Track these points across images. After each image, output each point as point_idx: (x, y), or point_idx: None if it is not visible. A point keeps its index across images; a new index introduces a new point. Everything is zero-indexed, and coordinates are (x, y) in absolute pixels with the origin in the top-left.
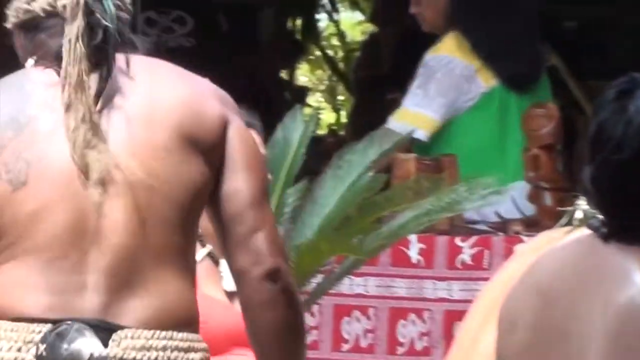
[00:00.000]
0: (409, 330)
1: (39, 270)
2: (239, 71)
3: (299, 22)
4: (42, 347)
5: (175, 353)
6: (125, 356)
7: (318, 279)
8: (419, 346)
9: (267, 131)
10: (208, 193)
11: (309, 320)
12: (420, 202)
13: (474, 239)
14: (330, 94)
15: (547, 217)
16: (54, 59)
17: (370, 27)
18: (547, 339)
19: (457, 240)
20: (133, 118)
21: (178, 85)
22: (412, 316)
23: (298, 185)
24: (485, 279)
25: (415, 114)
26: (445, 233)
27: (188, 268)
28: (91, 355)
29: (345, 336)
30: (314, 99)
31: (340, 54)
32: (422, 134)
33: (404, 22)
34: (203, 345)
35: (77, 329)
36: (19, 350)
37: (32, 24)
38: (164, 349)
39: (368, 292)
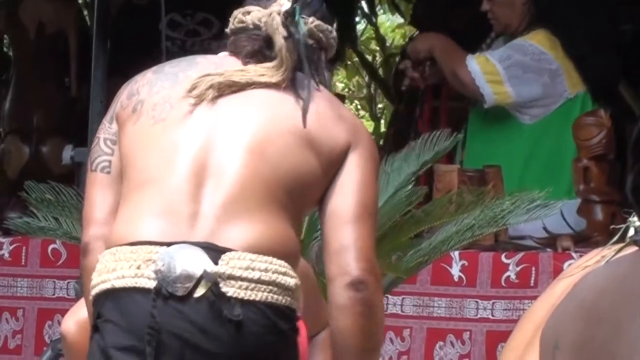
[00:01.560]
0: (446, 353)
1: (158, 200)
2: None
3: (335, 25)
4: (160, 264)
5: (275, 275)
6: (233, 273)
7: None
8: None
9: None
10: (315, 196)
11: None
12: (463, 216)
13: (520, 255)
14: (368, 102)
15: (598, 232)
16: (244, 56)
17: (411, 31)
18: None
19: (502, 257)
20: (277, 112)
21: (326, 104)
22: (451, 337)
23: None
24: (532, 298)
25: (496, 72)
26: (490, 249)
27: (290, 223)
28: (204, 270)
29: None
30: (352, 107)
31: (379, 59)
32: (490, 97)
33: (448, 25)
34: (296, 273)
35: (191, 249)
36: (139, 267)
37: (240, 30)
38: (266, 270)
39: (404, 311)
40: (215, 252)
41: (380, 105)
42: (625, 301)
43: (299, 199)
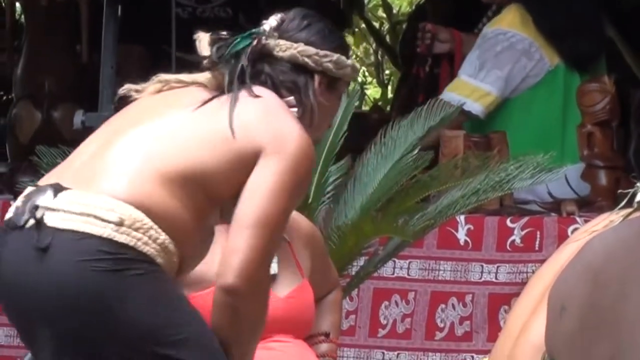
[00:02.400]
0: (447, 315)
1: (69, 161)
2: None
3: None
4: (19, 200)
5: (98, 209)
6: (59, 206)
7: (361, 261)
8: (459, 331)
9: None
10: (224, 191)
11: (347, 304)
12: (468, 181)
13: (524, 219)
14: (376, 69)
15: (601, 197)
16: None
17: None
18: (596, 324)
19: (507, 221)
20: (202, 109)
21: (257, 110)
22: (453, 300)
23: (341, 163)
24: (536, 262)
25: (472, 87)
26: (495, 213)
27: (184, 202)
28: (36, 204)
29: (383, 321)
30: (359, 74)
31: (386, 26)
32: (477, 108)
33: None
34: (164, 234)
35: (46, 188)
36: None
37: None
38: (91, 205)
39: (410, 275)
40: (60, 190)
41: (387, 72)
42: (632, 266)
43: (200, 188)
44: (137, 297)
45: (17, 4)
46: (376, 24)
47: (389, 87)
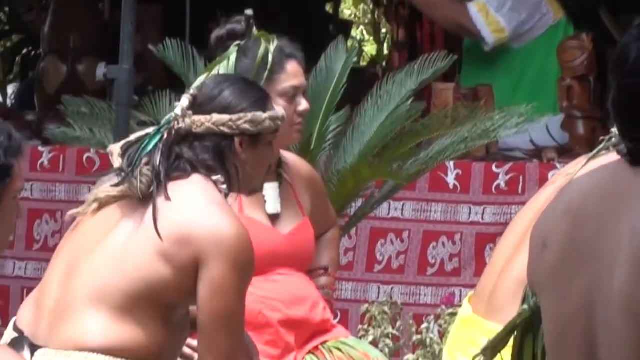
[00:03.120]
0: (438, 252)
1: (37, 292)
2: (286, 5)
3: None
4: None
5: None
6: None
7: (358, 203)
8: (449, 267)
9: (312, 62)
10: (172, 299)
11: (345, 242)
12: (457, 130)
13: (509, 165)
14: (373, 27)
15: (580, 145)
16: None
17: None
18: (575, 259)
19: (493, 167)
20: (139, 225)
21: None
22: (444, 238)
23: (340, 114)
24: (519, 204)
25: (493, 18)
26: (482, 160)
27: (136, 322)
28: None
29: (379, 258)
30: (358, 32)
31: None
32: (490, 40)
33: None
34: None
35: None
36: None
37: None
38: None
39: (404, 215)
40: (35, 349)
41: (383, 30)
42: (609, 204)
43: (154, 303)
44: None
45: None
46: None
47: (385, 45)
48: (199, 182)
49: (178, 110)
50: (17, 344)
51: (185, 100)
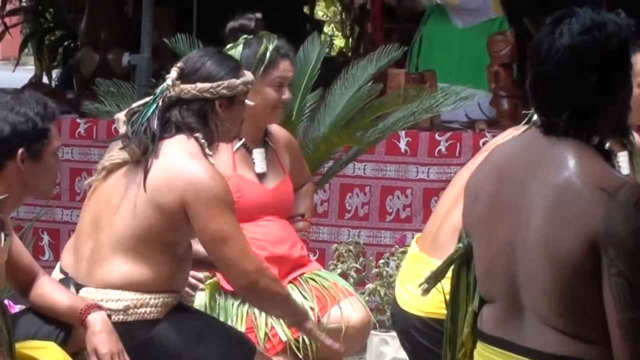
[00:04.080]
0: (395, 203)
1: (74, 239)
2: (271, 7)
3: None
4: None
5: (109, 303)
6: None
7: (330, 164)
8: (402, 215)
9: (294, 52)
10: (171, 237)
11: (321, 195)
12: (407, 106)
13: (448, 134)
14: (341, 25)
15: (504, 118)
16: None
17: None
18: (499, 208)
19: (436, 135)
20: (133, 181)
21: (167, 172)
22: (398, 192)
23: (315, 93)
24: (457, 165)
25: None
26: (427, 130)
27: (146, 261)
28: None
29: (348, 207)
30: (329, 29)
31: None
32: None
33: None
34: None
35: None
36: None
37: None
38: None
39: (366, 174)
40: (79, 287)
41: (349, 28)
42: (527, 165)
43: (158, 242)
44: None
45: None
46: None
47: (350, 39)
48: (180, 140)
49: (169, 81)
50: (65, 282)
51: (174, 73)
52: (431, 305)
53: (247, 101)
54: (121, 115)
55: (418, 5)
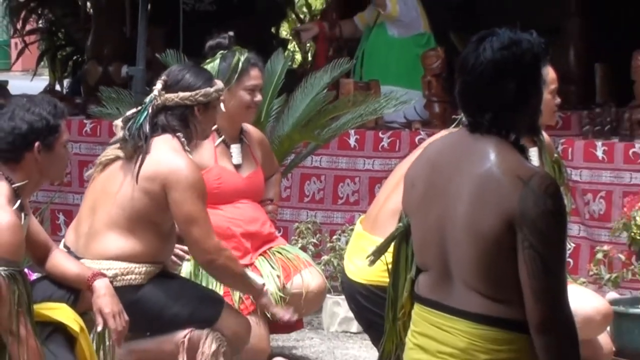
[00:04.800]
0: (345, 189)
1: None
2: (243, 28)
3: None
4: None
5: (109, 271)
6: None
7: (292, 157)
8: (352, 199)
9: (263, 64)
10: (160, 218)
11: (285, 182)
12: (356, 109)
13: (390, 132)
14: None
15: (436, 119)
16: None
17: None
18: (432, 195)
19: (379, 133)
20: (129, 172)
21: (152, 166)
22: (348, 180)
23: (280, 98)
24: (396, 158)
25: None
26: (372, 128)
27: (139, 237)
28: None
29: (307, 193)
30: (292, 46)
31: (308, 17)
32: (389, 8)
33: None
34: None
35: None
36: None
37: None
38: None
39: (321, 165)
40: (77, 258)
41: (308, 45)
42: (455, 158)
43: (146, 222)
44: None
45: (87, 2)
46: (301, 16)
47: (309, 54)
48: (166, 138)
49: (156, 92)
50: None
51: (159, 84)
52: (372, 274)
53: (221, 105)
54: (119, 122)
55: (358, 32)
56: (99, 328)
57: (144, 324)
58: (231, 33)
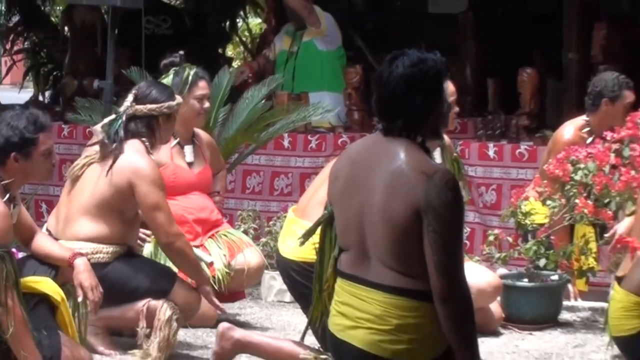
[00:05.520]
0: (280, 184)
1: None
2: (196, 48)
3: (227, 22)
4: None
5: (83, 250)
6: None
7: (235, 156)
8: (285, 191)
9: (212, 78)
10: (127, 206)
11: (230, 177)
12: (289, 116)
13: (317, 135)
14: (243, 61)
15: (355, 125)
16: None
17: (264, 26)
18: (353, 187)
19: (309, 136)
20: (101, 168)
21: (123, 164)
22: (282, 176)
23: (225, 107)
24: (323, 157)
25: (321, 14)
26: (303, 132)
27: (107, 221)
28: None
29: (248, 186)
30: (235, 63)
31: (249, 39)
32: (321, 25)
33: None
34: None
35: None
36: None
37: None
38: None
39: (260, 163)
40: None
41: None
42: (371, 157)
43: (112, 210)
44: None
45: (65, 27)
46: (244, 38)
47: None
48: (133, 142)
49: (128, 104)
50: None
51: (130, 97)
52: (302, 253)
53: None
54: (98, 127)
55: (269, 63)
56: (79, 299)
57: (110, 295)
58: (181, 52)
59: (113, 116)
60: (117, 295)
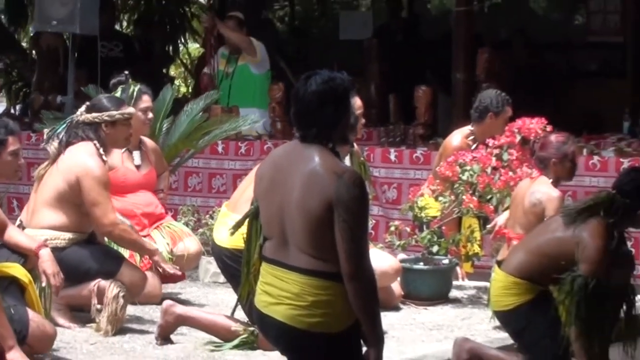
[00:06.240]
0: (216, 182)
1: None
2: (144, 69)
3: (171, 46)
4: None
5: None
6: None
7: (178, 159)
8: (221, 190)
9: (155, 95)
10: (77, 200)
11: (173, 177)
12: (222, 126)
13: (246, 142)
14: (184, 80)
15: (279, 134)
16: None
17: (202, 50)
18: (275, 186)
19: (239, 143)
20: (56, 167)
21: (70, 163)
22: (218, 176)
23: (169, 118)
24: (251, 160)
25: (257, 44)
26: (234, 139)
27: (65, 212)
28: None
29: (189, 185)
30: (178, 81)
31: (189, 61)
32: (259, 54)
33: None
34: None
35: None
36: None
37: None
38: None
39: (199, 165)
40: (23, 229)
41: (189, 81)
42: (290, 161)
43: (68, 202)
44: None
45: (33, 51)
46: (184, 60)
47: (189, 87)
48: (84, 144)
49: (79, 112)
50: (20, 226)
51: (83, 107)
52: (234, 242)
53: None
54: (45, 131)
55: (211, 83)
56: (43, 284)
57: (67, 275)
58: (127, 72)
59: (60, 123)
60: (72, 275)
